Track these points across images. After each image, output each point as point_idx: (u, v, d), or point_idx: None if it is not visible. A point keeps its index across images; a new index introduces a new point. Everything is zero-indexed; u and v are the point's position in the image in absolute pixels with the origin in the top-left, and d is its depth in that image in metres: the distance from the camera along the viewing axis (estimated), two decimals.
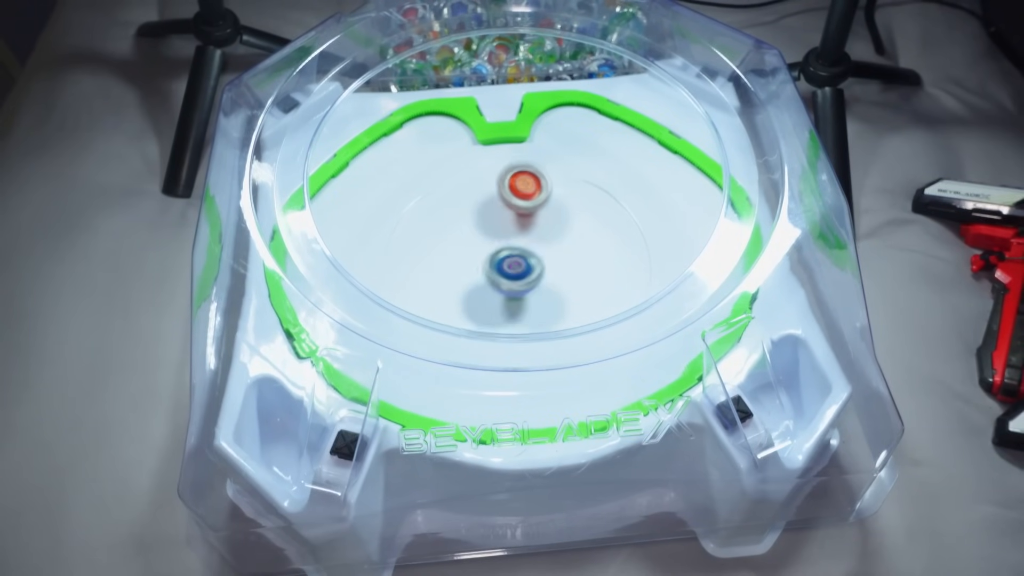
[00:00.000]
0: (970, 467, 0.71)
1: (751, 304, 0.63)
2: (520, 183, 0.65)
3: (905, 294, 0.82)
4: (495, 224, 0.70)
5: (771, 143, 0.70)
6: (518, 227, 0.70)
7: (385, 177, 0.73)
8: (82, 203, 0.86)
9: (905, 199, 0.89)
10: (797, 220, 0.66)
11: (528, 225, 0.70)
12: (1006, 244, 0.82)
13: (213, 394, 0.57)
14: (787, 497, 0.60)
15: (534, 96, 0.78)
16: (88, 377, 0.75)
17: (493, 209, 0.71)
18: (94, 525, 0.67)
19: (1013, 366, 0.74)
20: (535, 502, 0.62)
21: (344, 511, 0.54)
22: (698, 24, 0.79)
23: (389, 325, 0.60)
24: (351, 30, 0.77)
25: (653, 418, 0.57)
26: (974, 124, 0.98)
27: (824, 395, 0.58)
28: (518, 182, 0.65)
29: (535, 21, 0.83)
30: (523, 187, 0.65)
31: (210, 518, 0.57)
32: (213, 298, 0.62)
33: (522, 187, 0.65)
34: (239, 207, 0.66)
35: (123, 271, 0.82)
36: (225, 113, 0.71)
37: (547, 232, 0.70)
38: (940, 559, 0.66)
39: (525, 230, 0.70)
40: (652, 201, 0.72)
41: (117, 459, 0.70)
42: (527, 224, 0.70)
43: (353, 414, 0.56)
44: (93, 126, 0.93)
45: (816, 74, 0.89)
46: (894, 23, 1.09)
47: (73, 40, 1.02)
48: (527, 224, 0.70)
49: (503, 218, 0.71)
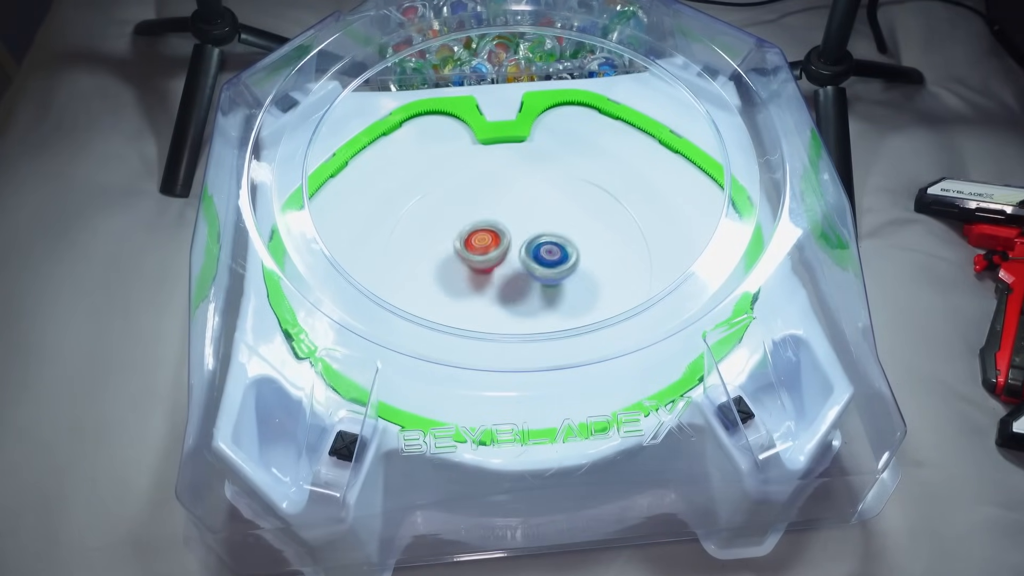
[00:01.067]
0: (973, 468, 0.71)
1: (752, 304, 0.63)
2: (477, 240, 0.65)
3: (907, 294, 0.81)
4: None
5: (772, 142, 0.70)
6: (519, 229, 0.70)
7: (384, 177, 0.73)
8: (80, 203, 0.86)
9: (907, 199, 0.89)
10: (799, 220, 0.65)
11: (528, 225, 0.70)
12: (1009, 244, 0.82)
13: (211, 395, 0.57)
14: (789, 498, 0.60)
15: (534, 95, 0.78)
16: (86, 377, 0.74)
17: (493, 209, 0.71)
18: (92, 525, 0.66)
19: (1017, 367, 0.74)
20: (535, 503, 0.61)
21: (343, 512, 0.54)
22: (699, 22, 0.78)
23: (388, 325, 0.59)
24: (350, 29, 0.77)
25: (654, 419, 0.57)
26: (977, 123, 0.97)
27: (826, 396, 0.58)
28: (475, 239, 0.65)
29: (535, 20, 0.83)
30: (479, 243, 0.65)
31: (208, 519, 0.57)
32: (211, 298, 0.62)
33: (478, 243, 0.65)
34: (237, 207, 0.65)
35: (121, 271, 0.82)
36: (223, 112, 0.71)
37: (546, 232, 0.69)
38: (942, 561, 0.66)
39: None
40: (653, 201, 0.72)
41: (115, 459, 0.70)
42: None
43: (352, 415, 0.56)
44: (90, 125, 0.93)
45: (818, 73, 0.89)
46: (896, 21, 1.08)
47: (70, 39, 1.02)
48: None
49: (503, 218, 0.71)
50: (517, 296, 0.65)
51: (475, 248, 0.64)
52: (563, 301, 0.65)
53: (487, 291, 0.66)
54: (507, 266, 0.66)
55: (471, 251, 0.64)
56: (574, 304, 0.65)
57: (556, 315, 0.64)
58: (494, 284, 0.66)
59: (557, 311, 0.65)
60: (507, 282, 0.66)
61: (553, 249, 0.64)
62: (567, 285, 0.65)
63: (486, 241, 0.65)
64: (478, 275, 0.66)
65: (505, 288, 0.66)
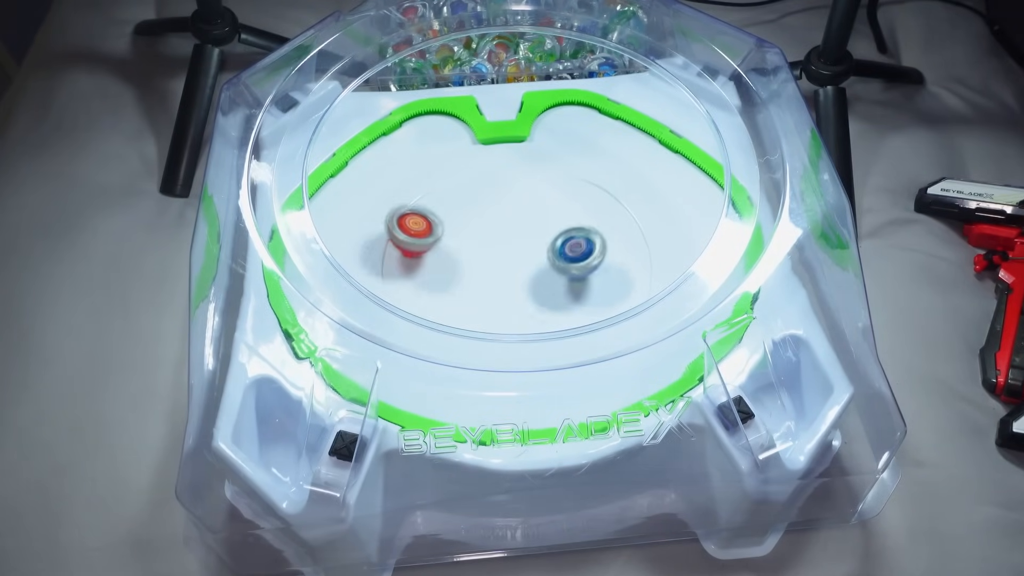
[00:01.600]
0: (973, 468, 0.71)
1: (752, 304, 0.62)
2: (411, 222, 0.65)
3: (907, 294, 0.81)
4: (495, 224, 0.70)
5: (772, 142, 0.70)
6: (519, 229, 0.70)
7: (384, 177, 0.73)
8: (80, 203, 0.86)
9: (907, 199, 0.89)
10: (799, 220, 0.65)
11: (528, 225, 0.70)
12: (1010, 244, 0.82)
13: (211, 395, 0.57)
14: (789, 498, 0.60)
15: (534, 95, 0.78)
16: (86, 377, 0.74)
17: (493, 209, 0.71)
18: (92, 525, 0.66)
19: (1017, 367, 0.74)
20: (535, 503, 0.61)
21: (343, 512, 0.54)
22: (699, 22, 0.78)
23: (388, 325, 0.59)
24: (350, 28, 0.77)
25: (654, 419, 0.57)
26: (977, 123, 0.97)
27: (826, 396, 0.58)
28: (408, 221, 0.65)
29: (535, 20, 0.83)
30: (414, 226, 0.64)
31: (208, 519, 0.57)
32: (211, 298, 0.61)
33: (412, 226, 0.64)
34: (237, 207, 0.65)
35: (121, 271, 0.81)
36: (223, 112, 0.71)
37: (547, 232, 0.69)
38: (942, 561, 0.66)
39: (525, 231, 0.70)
40: (653, 201, 0.72)
41: (115, 459, 0.70)
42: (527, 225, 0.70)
43: (352, 415, 0.56)
44: (90, 125, 0.93)
45: (818, 73, 0.89)
46: (896, 21, 1.08)
47: (70, 39, 1.02)
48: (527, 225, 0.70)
49: (503, 218, 0.71)
50: (517, 296, 0.65)
51: (410, 231, 0.64)
52: (563, 301, 0.65)
53: (487, 291, 0.66)
54: (507, 266, 0.66)
55: (405, 232, 0.64)
56: (574, 304, 0.65)
57: (556, 315, 0.64)
58: (494, 285, 0.66)
59: (557, 311, 0.65)
60: (507, 283, 0.66)
61: (578, 243, 0.64)
62: (567, 285, 0.65)
63: (421, 226, 0.64)
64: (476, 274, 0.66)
65: (505, 288, 0.66)
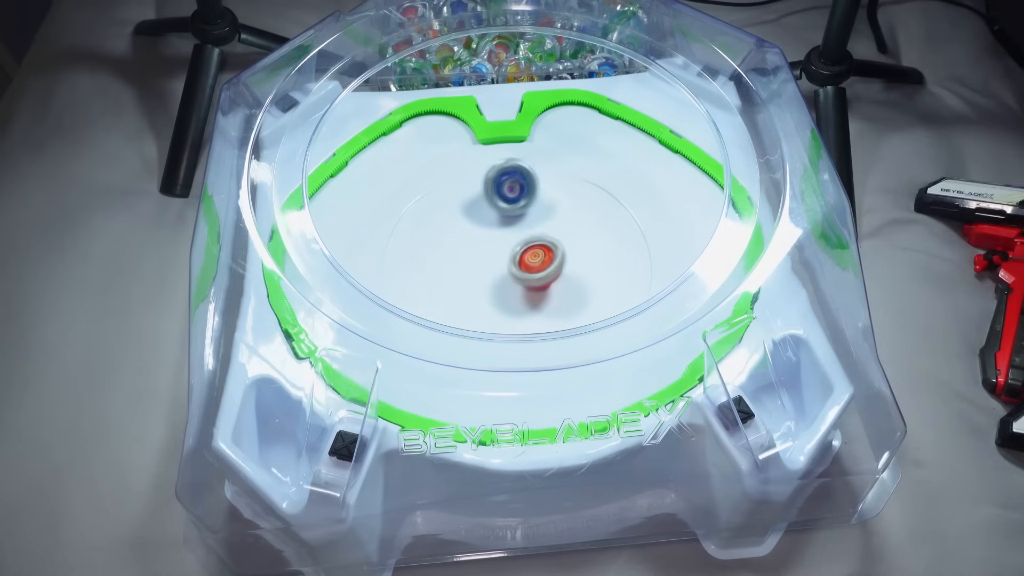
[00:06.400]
0: (973, 468, 0.71)
1: (752, 304, 0.62)
2: (530, 257, 0.64)
3: (908, 294, 0.81)
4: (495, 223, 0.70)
5: (772, 142, 0.70)
6: (518, 229, 0.70)
7: (384, 177, 0.73)
8: (80, 203, 0.86)
9: (908, 199, 0.89)
10: (799, 220, 0.65)
11: (529, 226, 0.70)
12: (1010, 244, 0.82)
13: (211, 395, 0.57)
14: (789, 498, 0.60)
15: (534, 95, 0.78)
16: (86, 377, 0.74)
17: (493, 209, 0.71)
18: (92, 525, 0.66)
19: (1017, 367, 0.74)
20: (535, 503, 0.61)
21: (343, 512, 0.53)
22: (699, 23, 0.78)
23: (388, 325, 0.59)
24: (350, 28, 0.77)
25: (654, 419, 0.57)
26: (977, 123, 0.97)
27: (826, 396, 0.58)
28: (528, 256, 0.64)
29: (535, 20, 0.83)
30: (532, 260, 0.63)
31: (208, 519, 0.57)
32: (211, 298, 0.62)
33: (531, 260, 0.63)
34: (237, 206, 0.65)
35: (121, 271, 0.81)
36: (223, 112, 0.71)
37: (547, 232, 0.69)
38: (943, 561, 0.66)
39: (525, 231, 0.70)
40: (653, 201, 0.72)
41: (115, 459, 0.70)
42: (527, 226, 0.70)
43: (352, 415, 0.56)
44: (90, 125, 0.93)
45: (818, 73, 0.89)
46: (897, 21, 1.08)
47: (70, 38, 1.02)
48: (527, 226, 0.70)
49: (503, 218, 0.71)
50: (517, 296, 0.65)
51: (529, 267, 0.63)
52: (563, 301, 0.65)
53: (487, 291, 0.66)
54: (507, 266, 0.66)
55: (526, 270, 0.63)
56: (574, 304, 0.65)
57: (556, 315, 0.64)
58: (494, 285, 0.66)
59: (557, 311, 0.65)
60: (507, 283, 0.66)
61: (514, 185, 0.65)
62: (567, 285, 0.65)
63: (539, 257, 0.64)
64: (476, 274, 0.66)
65: (505, 288, 0.66)
